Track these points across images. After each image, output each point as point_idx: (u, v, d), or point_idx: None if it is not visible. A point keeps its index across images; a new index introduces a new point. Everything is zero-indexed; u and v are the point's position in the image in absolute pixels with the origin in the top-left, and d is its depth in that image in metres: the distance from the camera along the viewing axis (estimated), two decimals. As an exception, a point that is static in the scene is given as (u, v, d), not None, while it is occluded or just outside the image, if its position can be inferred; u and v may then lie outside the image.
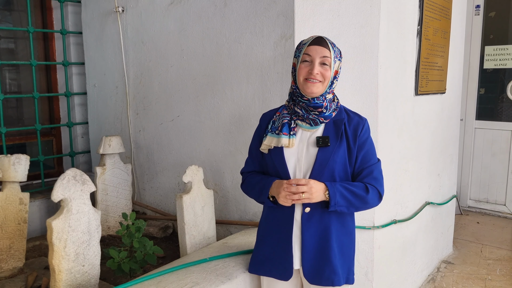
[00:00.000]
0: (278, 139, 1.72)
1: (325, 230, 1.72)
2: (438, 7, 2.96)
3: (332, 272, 1.72)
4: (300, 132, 1.74)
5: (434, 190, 3.33)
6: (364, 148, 1.73)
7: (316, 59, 1.64)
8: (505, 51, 4.56)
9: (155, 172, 3.41)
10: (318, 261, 1.73)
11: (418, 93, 2.85)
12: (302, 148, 1.72)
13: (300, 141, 1.73)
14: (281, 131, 1.72)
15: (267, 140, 1.75)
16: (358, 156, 1.72)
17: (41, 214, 3.38)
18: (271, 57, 2.57)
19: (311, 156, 1.70)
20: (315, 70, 1.63)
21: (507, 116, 4.63)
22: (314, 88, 1.65)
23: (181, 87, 3.10)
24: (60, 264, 1.92)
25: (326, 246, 1.72)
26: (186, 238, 2.44)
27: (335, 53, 1.67)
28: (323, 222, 1.72)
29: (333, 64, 1.66)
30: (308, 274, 1.74)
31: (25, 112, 3.89)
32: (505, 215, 4.66)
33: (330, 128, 1.72)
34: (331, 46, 1.66)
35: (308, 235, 1.72)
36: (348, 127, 1.72)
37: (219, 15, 2.80)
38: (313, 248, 1.73)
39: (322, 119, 1.70)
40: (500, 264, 3.53)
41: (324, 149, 1.68)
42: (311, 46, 1.65)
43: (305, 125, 1.72)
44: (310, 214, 1.71)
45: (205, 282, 1.90)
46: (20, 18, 3.81)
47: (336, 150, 1.68)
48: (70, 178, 1.94)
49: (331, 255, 1.72)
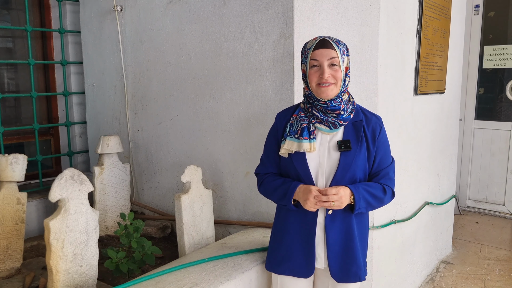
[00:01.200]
0: (299, 144, 1.71)
1: (348, 230, 1.76)
2: (437, 7, 2.95)
3: (358, 268, 1.78)
4: (320, 136, 1.73)
5: (433, 190, 3.32)
6: (382, 149, 1.77)
7: (324, 62, 1.63)
8: (504, 51, 4.56)
9: (153, 172, 3.40)
10: (345, 260, 1.77)
11: (418, 93, 2.84)
12: (324, 152, 1.72)
13: (321, 145, 1.73)
14: (301, 135, 1.71)
15: (286, 144, 1.74)
16: (376, 157, 1.74)
17: (39, 214, 3.37)
18: (270, 57, 2.56)
19: (333, 161, 1.71)
20: (325, 74, 1.63)
21: (506, 116, 4.63)
22: (329, 91, 1.65)
23: (180, 87, 3.09)
24: (57, 265, 1.91)
25: (350, 245, 1.76)
26: (185, 238, 2.43)
27: (341, 51, 1.65)
28: (345, 222, 1.75)
29: (341, 63, 1.65)
30: (336, 274, 1.77)
31: (23, 111, 3.88)
32: (504, 215, 4.66)
33: (350, 131, 1.73)
34: (336, 46, 1.64)
35: (333, 236, 1.75)
36: (367, 129, 1.74)
37: (218, 14, 2.79)
38: (339, 248, 1.76)
39: (341, 122, 1.70)
40: (499, 264, 3.53)
41: (346, 153, 1.69)
42: (316, 51, 1.64)
43: (325, 128, 1.72)
44: (333, 216, 1.74)
45: (204, 282, 1.89)
46: (18, 17, 3.79)
47: (357, 154, 1.70)
48: (68, 178, 1.93)
49: (356, 252, 1.77)
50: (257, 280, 2.09)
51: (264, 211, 2.71)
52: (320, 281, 1.88)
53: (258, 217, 2.76)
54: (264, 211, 2.71)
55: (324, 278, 1.84)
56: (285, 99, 2.51)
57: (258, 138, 2.64)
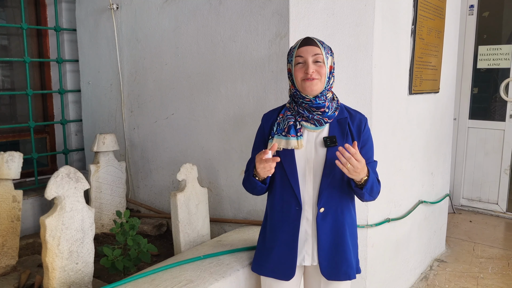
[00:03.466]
0: (287, 141, 1.73)
1: (340, 227, 1.77)
2: (432, 7, 2.97)
3: (349, 267, 1.79)
4: (306, 133, 1.76)
5: (427, 189, 3.35)
6: (367, 144, 1.80)
7: (309, 58, 1.69)
8: (499, 51, 4.59)
9: (149, 170, 3.40)
10: (335, 258, 1.77)
11: (412, 92, 2.86)
12: (311, 149, 1.75)
13: (308, 142, 1.76)
14: (288, 133, 1.73)
15: (274, 142, 1.76)
16: (361, 152, 1.75)
17: (35, 212, 3.37)
18: (265, 56, 2.57)
19: (320, 157, 1.74)
20: (310, 69, 1.68)
21: (500, 116, 4.67)
22: (313, 85, 1.69)
23: (176, 85, 3.10)
24: (53, 262, 1.91)
25: (341, 243, 1.77)
26: (180, 236, 2.44)
27: (325, 50, 1.71)
28: (338, 219, 1.76)
29: (326, 60, 1.70)
30: (326, 271, 1.78)
31: (19, 109, 3.87)
32: (498, 214, 4.70)
33: (335, 128, 1.76)
34: (320, 44, 1.71)
35: (323, 234, 1.76)
36: (352, 125, 1.77)
37: (214, 13, 2.80)
38: (329, 246, 1.77)
39: (326, 119, 1.74)
40: (492, 262, 3.56)
41: (332, 149, 1.71)
42: (301, 48, 1.70)
43: (310, 125, 1.75)
44: (325, 213, 1.75)
45: (199, 280, 1.90)
46: (14, 14, 3.78)
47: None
48: (64, 176, 1.93)
49: (347, 250, 1.78)
50: (252, 278, 2.11)
51: (259, 209, 2.73)
52: (312, 279, 1.88)
53: (253, 215, 2.77)
54: (259, 209, 2.73)
55: (316, 276, 1.85)
56: (281, 98, 2.53)
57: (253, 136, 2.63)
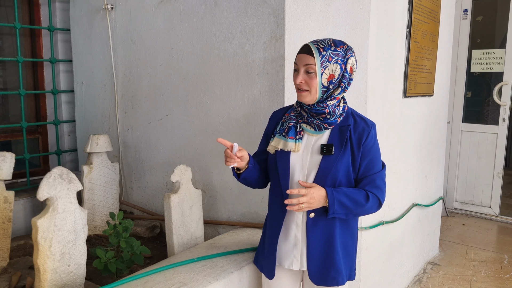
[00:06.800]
0: (285, 142, 1.72)
1: (330, 234, 1.74)
2: (427, 11, 2.99)
3: (337, 273, 1.76)
4: (306, 137, 1.73)
5: (421, 192, 3.36)
6: (368, 156, 1.71)
7: (301, 67, 1.63)
8: (492, 55, 4.62)
9: (143, 172, 3.38)
10: (324, 264, 1.76)
11: (407, 95, 2.87)
12: (307, 155, 1.72)
13: (305, 146, 1.73)
14: (287, 134, 1.72)
15: (274, 141, 1.76)
16: (362, 163, 1.70)
17: (26, 213, 3.33)
18: (261, 58, 2.56)
19: (314, 163, 1.70)
20: (297, 80, 1.63)
21: (493, 120, 4.70)
22: (302, 97, 1.65)
23: (170, 86, 3.08)
24: (45, 264, 1.89)
25: (331, 249, 1.75)
26: (174, 238, 2.42)
27: (324, 58, 1.58)
28: (328, 226, 1.73)
29: (322, 70, 1.59)
30: (314, 276, 1.77)
31: (11, 109, 3.84)
32: (490, 217, 4.73)
33: (335, 135, 1.70)
34: (317, 52, 1.59)
35: (313, 239, 1.74)
36: (353, 134, 1.69)
37: (209, 14, 2.79)
38: (318, 252, 1.75)
39: (326, 125, 1.69)
40: (485, 265, 3.58)
41: (327, 157, 1.68)
42: (298, 55, 1.65)
43: (310, 129, 1.71)
44: (315, 219, 1.73)
45: (193, 282, 1.89)
46: (7, 13, 3.75)
47: (339, 159, 1.67)
48: (56, 177, 1.91)
49: (336, 257, 1.75)
50: (246, 280, 2.10)
51: (253, 212, 2.72)
52: (306, 284, 1.88)
53: (248, 218, 2.76)
54: (253, 211, 2.72)
55: (308, 281, 1.83)
56: (275, 100, 2.52)
57: (248, 138, 2.65)
